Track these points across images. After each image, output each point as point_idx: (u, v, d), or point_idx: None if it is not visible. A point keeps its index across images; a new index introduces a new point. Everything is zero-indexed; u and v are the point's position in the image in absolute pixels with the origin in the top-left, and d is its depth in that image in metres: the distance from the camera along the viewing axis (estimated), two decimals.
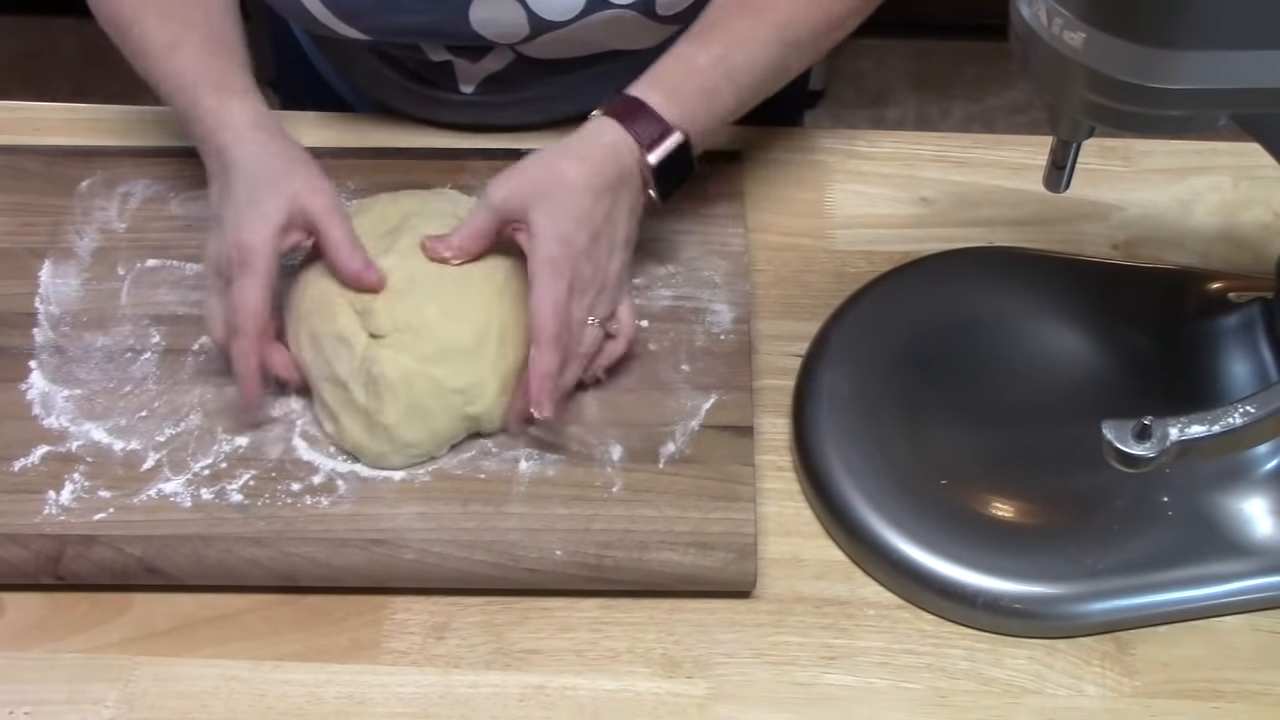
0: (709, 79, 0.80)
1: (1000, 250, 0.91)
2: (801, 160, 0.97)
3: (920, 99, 2.19)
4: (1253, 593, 0.76)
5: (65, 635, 0.76)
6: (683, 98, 0.80)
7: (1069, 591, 0.75)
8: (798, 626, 0.76)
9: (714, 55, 0.81)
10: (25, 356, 0.84)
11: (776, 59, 0.82)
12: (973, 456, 0.80)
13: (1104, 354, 0.84)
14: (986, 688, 0.74)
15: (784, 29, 0.82)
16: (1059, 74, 0.61)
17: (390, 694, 0.74)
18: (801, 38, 0.82)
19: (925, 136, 1.00)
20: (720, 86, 0.81)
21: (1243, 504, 0.77)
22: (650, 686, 0.74)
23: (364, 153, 0.94)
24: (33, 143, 0.95)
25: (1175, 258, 0.92)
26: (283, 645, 0.76)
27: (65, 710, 0.73)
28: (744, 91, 0.82)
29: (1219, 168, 0.97)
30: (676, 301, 0.87)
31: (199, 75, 0.81)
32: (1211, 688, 0.74)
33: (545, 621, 0.77)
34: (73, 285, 0.88)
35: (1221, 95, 0.59)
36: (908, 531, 0.76)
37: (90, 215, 0.91)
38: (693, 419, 0.81)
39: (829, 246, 0.93)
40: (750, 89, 0.82)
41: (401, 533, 0.77)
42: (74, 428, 0.81)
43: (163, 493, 0.78)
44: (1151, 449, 0.65)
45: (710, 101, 0.81)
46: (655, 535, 0.77)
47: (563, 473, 0.79)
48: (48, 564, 0.76)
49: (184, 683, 0.74)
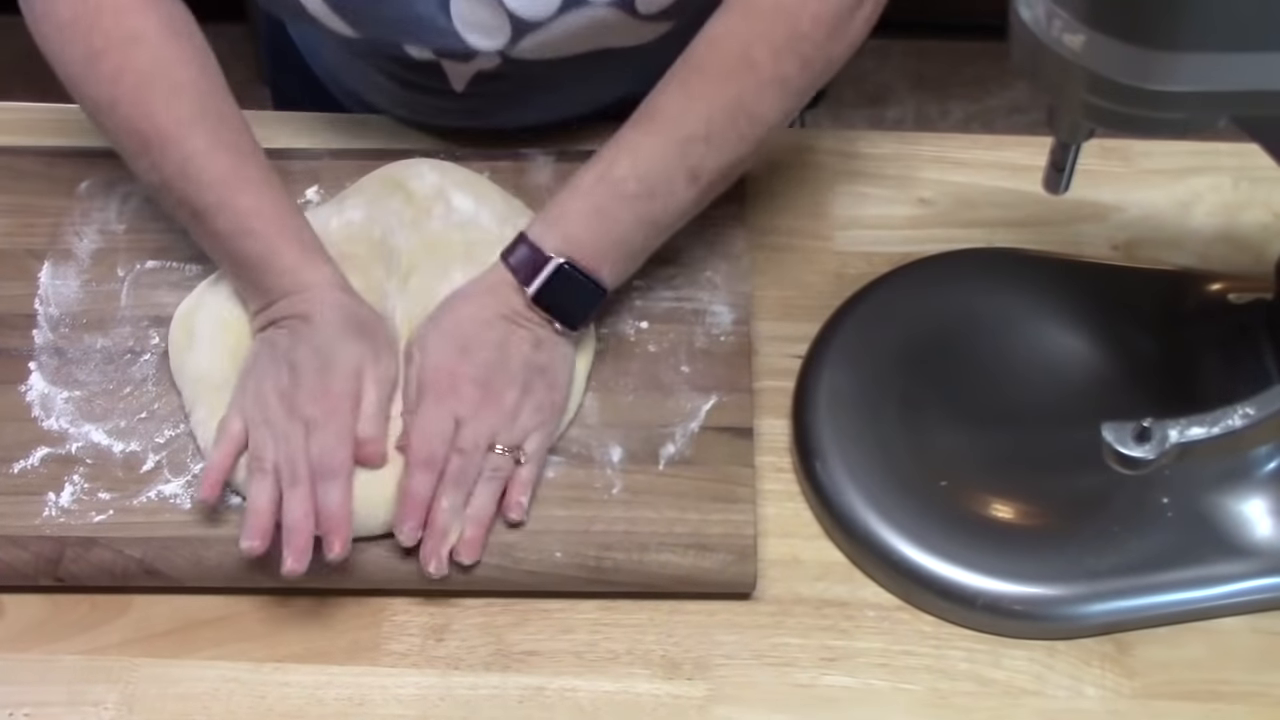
0: (595, 198, 0.79)
1: (1000, 251, 0.91)
2: (801, 161, 0.97)
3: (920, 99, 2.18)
4: (1252, 594, 0.76)
5: (65, 637, 0.76)
6: (562, 222, 0.79)
7: (1069, 593, 0.75)
8: (797, 628, 0.76)
9: (597, 173, 0.79)
10: (25, 358, 0.84)
11: (671, 161, 0.79)
12: (972, 458, 0.80)
13: (1104, 355, 0.84)
14: (986, 689, 0.74)
15: (671, 129, 0.79)
16: (1058, 76, 0.61)
17: (390, 695, 0.74)
18: (695, 134, 0.79)
19: (925, 137, 1.00)
20: (606, 202, 0.79)
21: (1242, 505, 0.77)
22: (650, 688, 0.74)
23: (363, 153, 0.94)
24: (32, 143, 0.95)
25: (1175, 259, 0.92)
26: (282, 647, 0.76)
27: (65, 712, 0.73)
28: (640, 200, 0.79)
29: (1219, 168, 0.97)
30: (676, 303, 0.86)
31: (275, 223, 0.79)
32: (1211, 689, 0.74)
33: (545, 623, 0.77)
34: (72, 287, 0.88)
35: (1221, 97, 0.59)
36: (907, 533, 0.76)
37: (90, 216, 0.91)
38: (692, 420, 0.81)
39: (829, 247, 0.93)
40: (645, 196, 0.79)
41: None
42: (74, 429, 0.81)
43: (162, 494, 0.78)
44: (1151, 451, 0.65)
45: (598, 218, 0.79)
46: (655, 537, 0.77)
47: (562, 474, 0.79)
48: (47, 566, 0.76)
49: (184, 684, 0.74)
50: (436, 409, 0.76)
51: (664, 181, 0.79)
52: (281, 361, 0.77)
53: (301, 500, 0.73)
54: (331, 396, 0.75)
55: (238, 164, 0.80)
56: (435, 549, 0.74)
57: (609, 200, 0.79)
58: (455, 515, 0.75)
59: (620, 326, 0.85)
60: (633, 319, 0.86)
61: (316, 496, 0.73)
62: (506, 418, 0.77)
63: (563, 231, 0.79)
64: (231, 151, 0.80)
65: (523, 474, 0.77)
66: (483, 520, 0.75)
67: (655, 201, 0.79)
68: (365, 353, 0.78)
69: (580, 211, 0.79)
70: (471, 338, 0.78)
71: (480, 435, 0.76)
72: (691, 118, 0.79)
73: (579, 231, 0.79)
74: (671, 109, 0.80)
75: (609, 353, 0.84)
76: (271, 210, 0.80)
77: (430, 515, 0.75)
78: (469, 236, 0.85)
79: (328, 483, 0.73)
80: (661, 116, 0.80)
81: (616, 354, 0.84)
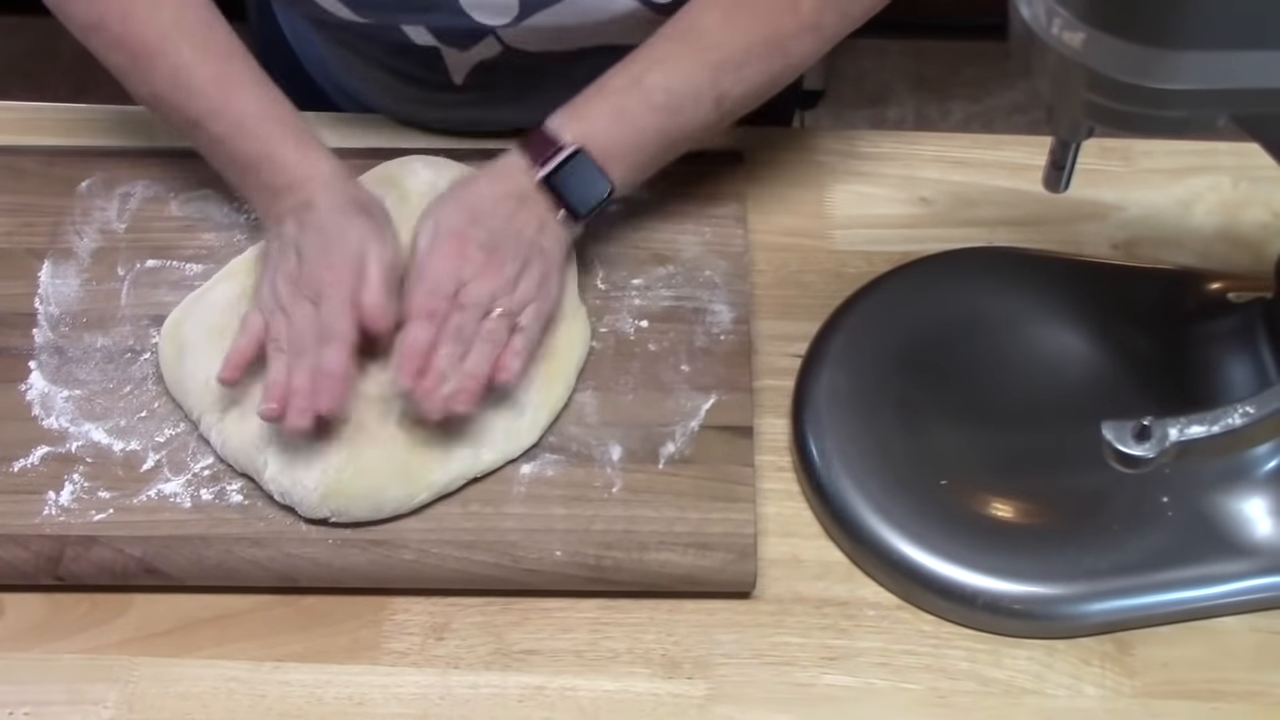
0: (621, 100, 0.81)
1: (1000, 250, 0.91)
2: (801, 160, 0.97)
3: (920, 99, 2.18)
4: (1252, 593, 0.76)
5: (65, 636, 0.76)
6: (584, 116, 0.81)
7: (1069, 592, 0.75)
8: (797, 627, 0.76)
9: (630, 76, 0.81)
10: (25, 357, 0.84)
11: (702, 82, 0.81)
12: (972, 456, 0.80)
13: (1103, 354, 0.84)
14: (986, 688, 0.74)
15: (707, 51, 0.81)
16: (1058, 74, 0.61)
17: (390, 695, 0.74)
18: (729, 60, 0.81)
19: (925, 137, 1.00)
20: (632, 106, 0.81)
21: (1242, 504, 0.77)
22: (650, 687, 0.74)
23: (360, 153, 0.94)
24: (32, 143, 0.95)
25: (1175, 258, 0.92)
26: (282, 646, 0.76)
27: (65, 711, 0.73)
28: (664, 113, 0.81)
29: (1219, 168, 0.97)
30: (676, 302, 0.87)
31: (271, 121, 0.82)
32: (1211, 688, 0.74)
33: (545, 622, 0.77)
34: (72, 286, 0.88)
35: (1221, 96, 0.59)
36: (907, 532, 0.76)
37: (90, 216, 0.91)
38: (692, 419, 0.81)
39: (828, 247, 0.93)
40: (671, 110, 0.81)
41: (401, 533, 0.77)
42: (74, 428, 0.81)
43: (162, 493, 0.78)
44: (1151, 449, 0.65)
45: (620, 120, 0.81)
46: (655, 536, 0.77)
47: (562, 473, 0.79)
48: (47, 565, 0.76)
49: (184, 683, 0.74)
50: (443, 265, 0.78)
51: (691, 100, 0.81)
52: (289, 248, 0.79)
53: (305, 368, 0.76)
54: (334, 269, 0.77)
55: (225, 69, 0.82)
56: (432, 389, 0.76)
57: (635, 105, 0.81)
58: (452, 366, 0.76)
59: (620, 325, 0.85)
60: (633, 318, 0.86)
61: (321, 358, 0.76)
62: (507, 284, 0.78)
63: (582, 123, 0.81)
64: (219, 58, 0.82)
65: (516, 341, 0.78)
66: (478, 375, 0.77)
67: (679, 117, 0.81)
68: (368, 230, 0.79)
69: (604, 110, 0.81)
70: (481, 209, 0.80)
71: (481, 295, 0.78)
72: (730, 46, 0.81)
73: (599, 126, 0.81)
74: (713, 32, 0.82)
75: (609, 352, 0.84)
76: (266, 110, 0.82)
77: (429, 361, 0.76)
78: None
79: (327, 345, 0.76)
80: (700, 37, 0.82)
81: (616, 353, 0.84)
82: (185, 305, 0.85)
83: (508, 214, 0.80)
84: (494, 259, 0.79)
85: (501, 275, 0.79)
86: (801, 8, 0.82)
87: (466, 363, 0.77)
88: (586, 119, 0.81)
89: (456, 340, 0.77)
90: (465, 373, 0.77)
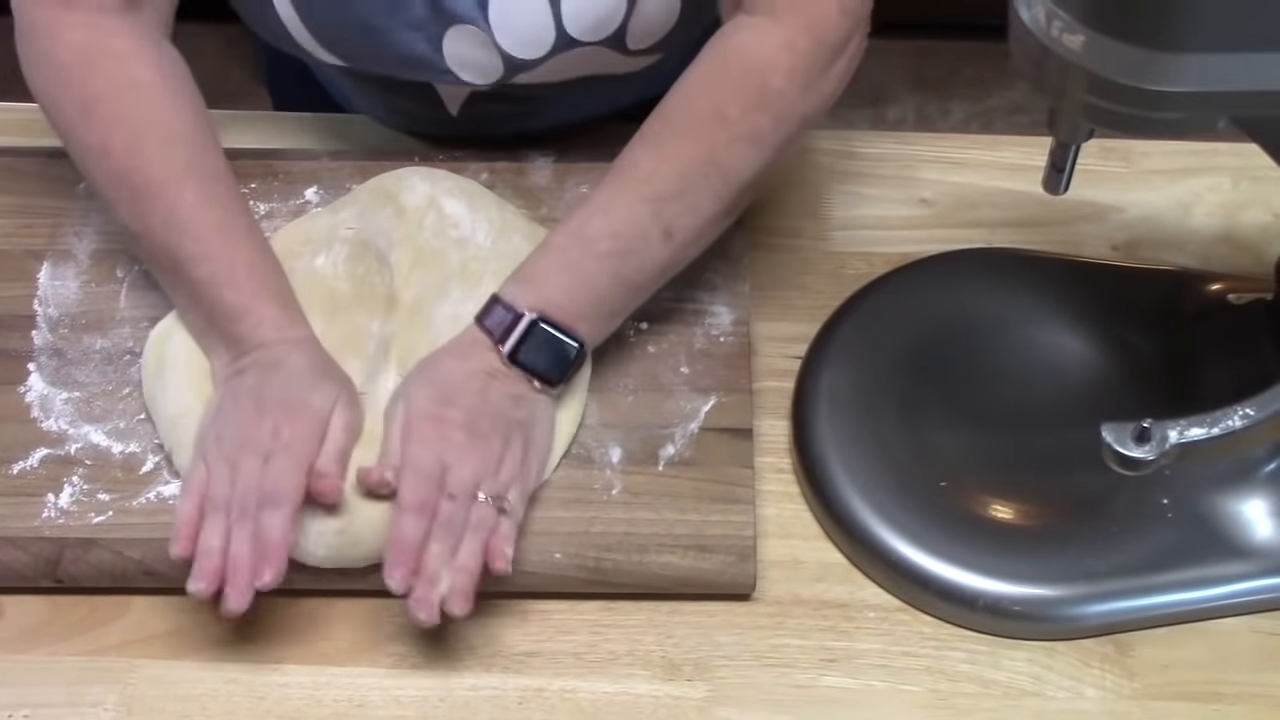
0: (568, 256, 0.79)
1: (999, 251, 0.91)
2: (800, 161, 0.97)
3: (920, 99, 2.18)
4: (1252, 594, 0.76)
5: (64, 638, 0.76)
6: (535, 280, 0.78)
7: (1069, 593, 0.75)
8: (797, 629, 0.76)
9: (569, 231, 0.79)
10: (24, 359, 0.84)
11: (644, 219, 0.78)
12: (972, 458, 0.80)
13: (1103, 355, 0.84)
14: (986, 690, 0.74)
15: (642, 186, 0.78)
16: (1058, 76, 0.61)
17: (389, 697, 0.74)
18: (666, 191, 0.78)
19: (924, 137, 1.00)
20: (579, 259, 0.78)
21: (1242, 506, 0.77)
22: (650, 689, 0.74)
23: (362, 154, 0.94)
24: (31, 144, 0.95)
25: (1175, 259, 0.92)
26: (282, 647, 0.76)
27: (64, 713, 0.73)
28: (614, 258, 0.78)
29: (1219, 169, 0.97)
30: (675, 303, 0.86)
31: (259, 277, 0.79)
32: (1211, 690, 0.74)
33: (544, 624, 0.77)
34: (71, 287, 0.88)
35: (1220, 98, 0.59)
36: (907, 534, 0.76)
37: (89, 217, 0.91)
38: (692, 421, 0.81)
39: (827, 248, 0.93)
40: (620, 254, 0.78)
41: None
42: (73, 430, 0.81)
43: (162, 495, 0.78)
44: (1151, 451, 0.65)
45: (571, 275, 0.78)
46: (655, 538, 0.76)
47: (562, 475, 0.79)
48: (46, 567, 0.76)
49: (183, 686, 0.74)
50: (424, 451, 0.74)
51: (638, 240, 0.78)
52: (246, 399, 0.75)
53: (248, 536, 0.71)
54: (295, 424, 0.74)
55: (226, 217, 0.80)
56: (426, 596, 0.71)
57: (582, 258, 0.78)
58: (444, 562, 0.72)
59: (620, 327, 0.85)
60: (632, 319, 0.85)
61: (260, 523, 0.71)
62: (491, 464, 0.75)
63: (536, 289, 0.78)
64: (220, 205, 0.80)
65: (504, 526, 0.74)
66: (473, 571, 0.73)
67: (631, 260, 0.79)
68: (340, 394, 0.76)
69: (553, 269, 0.79)
70: (453, 387, 0.76)
71: (467, 480, 0.74)
72: (663, 175, 0.78)
73: (552, 288, 0.78)
74: (643, 166, 0.79)
75: (608, 353, 0.84)
76: (257, 264, 0.79)
77: (421, 562, 0.72)
78: (465, 254, 0.84)
79: (271, 510, 0.71)
80: (634, 174, 0.79)
81: (616, 355, 0.84)
82: (174, 317, 0.83)
83: (480, 390, 0.76)
84: (475, 438, 0.75)
85: (486, 454, 0.74)
86: (729, 117, 0.78)
87: (459, 557, 0.72)
88: (538, 282, 0.78)
89: (447, 532, 0.72)
90: (459, 568, 0.72)
